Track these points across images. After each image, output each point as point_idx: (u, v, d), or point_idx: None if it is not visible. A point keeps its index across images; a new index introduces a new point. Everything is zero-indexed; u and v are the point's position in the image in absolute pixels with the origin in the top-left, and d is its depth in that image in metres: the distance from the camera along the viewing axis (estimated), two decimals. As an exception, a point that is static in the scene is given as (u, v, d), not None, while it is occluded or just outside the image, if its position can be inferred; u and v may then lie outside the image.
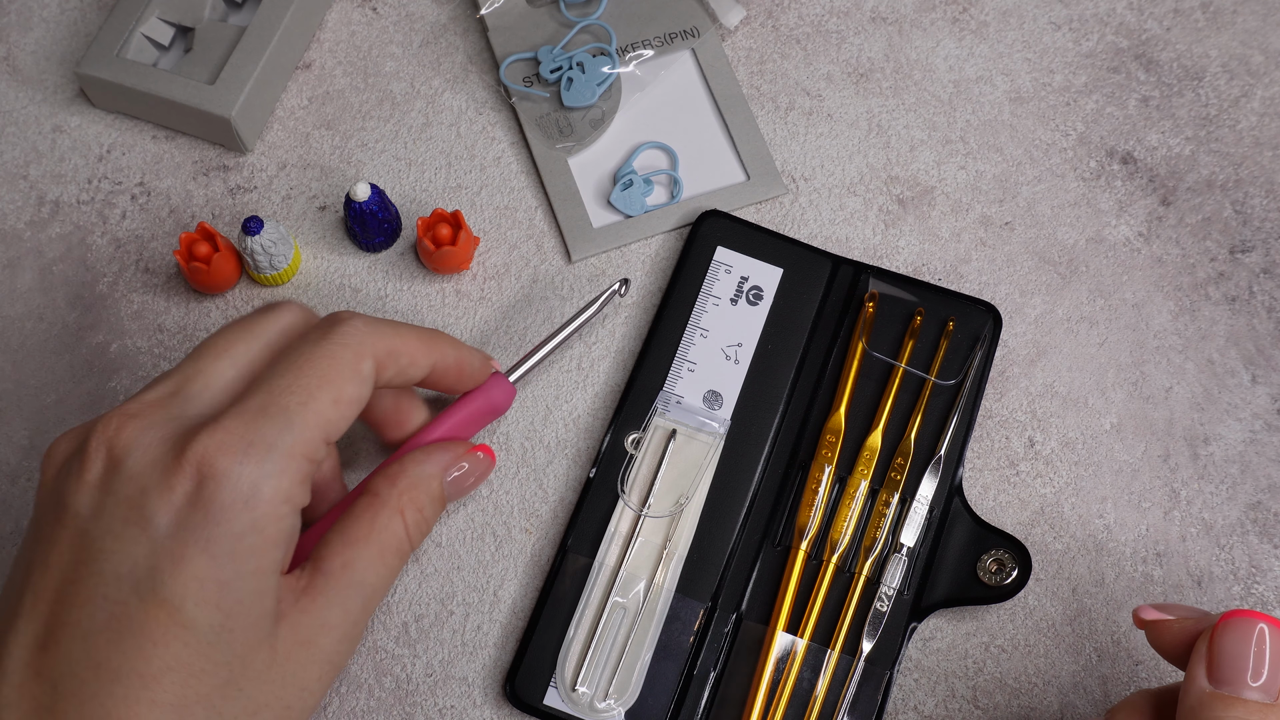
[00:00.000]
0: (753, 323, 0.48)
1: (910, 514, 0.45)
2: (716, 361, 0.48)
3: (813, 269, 0.49)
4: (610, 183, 0.53)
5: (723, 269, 0.49)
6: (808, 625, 0.44)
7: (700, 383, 0.47)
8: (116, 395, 0.50)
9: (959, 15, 0.56)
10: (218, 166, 0.54)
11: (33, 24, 0.58)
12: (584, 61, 0.54)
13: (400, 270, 0.52)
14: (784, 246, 0.50)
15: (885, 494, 0.45)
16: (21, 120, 0.55)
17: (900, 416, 0.47)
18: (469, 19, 0.57)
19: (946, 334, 0.48)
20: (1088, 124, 0.54)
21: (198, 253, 0.49)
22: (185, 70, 0.54)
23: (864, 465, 0.46)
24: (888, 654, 0.43)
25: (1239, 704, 0.32)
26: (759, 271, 0.49)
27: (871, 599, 0.44)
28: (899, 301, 0.48)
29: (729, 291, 0.49)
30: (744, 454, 0.46)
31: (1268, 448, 0.48)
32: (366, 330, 0.38)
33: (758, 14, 0.57)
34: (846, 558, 0.45)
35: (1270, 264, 0.51)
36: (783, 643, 0.43)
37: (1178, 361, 0.50)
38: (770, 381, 0.47)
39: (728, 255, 0.49)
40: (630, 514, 0.45)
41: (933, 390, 0.47)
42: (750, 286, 0.49)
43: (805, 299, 0.49)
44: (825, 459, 0.46)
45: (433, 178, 0.53)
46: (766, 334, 0.48)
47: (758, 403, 0.47)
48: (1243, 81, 0.55)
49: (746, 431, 0.47)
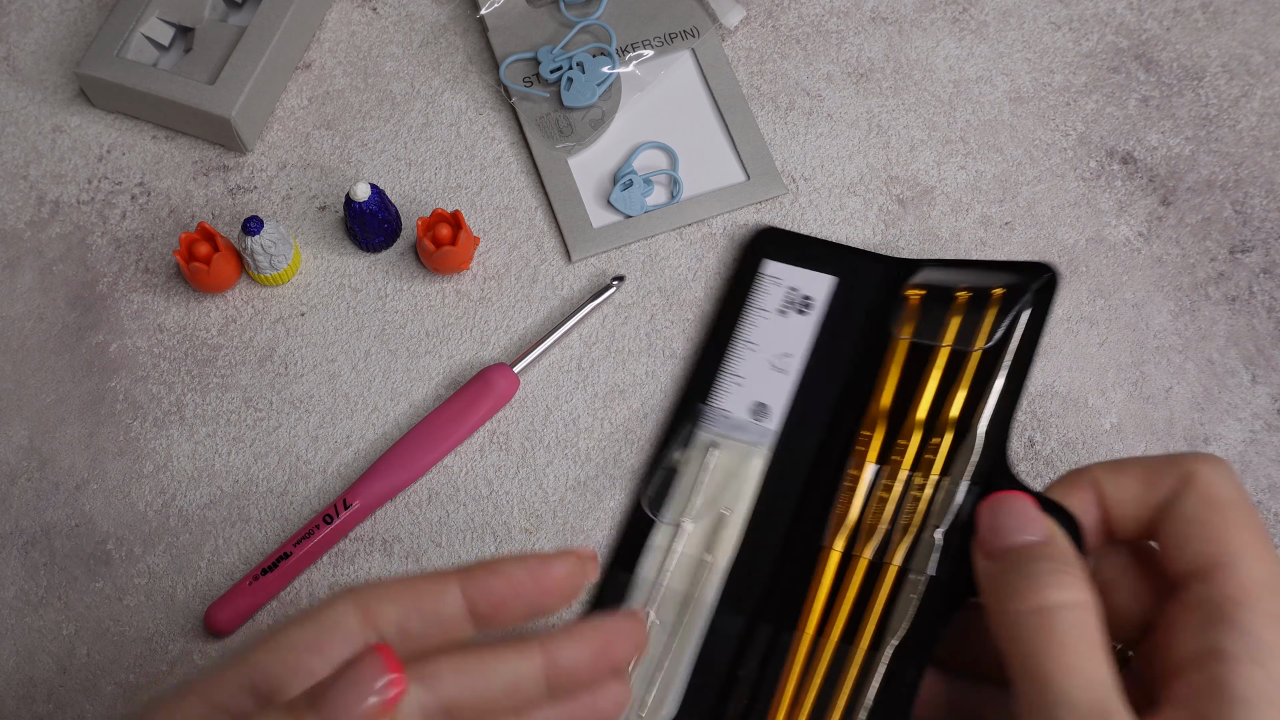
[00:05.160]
0: (802, 332, 0.47)
1: (945, 494, 0.41)
2: (764, 373, 0.47)
3: (866, 273, 0.48)
4: (610, 183, 0.53)
5: (770, 281, 0.49)
6: (836, 619, 0.41)
7: (747, 395, 0.47)
8: (117, 395, 0.50)
9: (959, 15, 0.56)
10: (218, 166, 0.54)
11: (33, 24, 0.58)
12: (584, 61, 0.54)
13: (400, 270, 0.52)
14: (838, 254, 0.49)
15: (918, 476, 0.42)
16: (21, 120, 0.55)
17: (943, 395, 0.44)
18: (469, 19, 0.57)
19: (994, 303, 0.44)
20: (1088, 124, 0.54)
21: (198, 253, 0.49)
22: (185, 70, 0.54)
23: (900, 453, 0.43)
24: (922, 643, 0.40)
25: (1016, 552, 0.34)
26: (809, 281, 0.48)
27: (901, 588, 0.41)
28: (946, 287, 0.46)
29: (777, 303, 0.48)
30: (791, 464, 0.45)
31: (1268, 448, 0.48)
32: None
33: (758, 14, 0.57)
34: (881, 548, 0.42)
35: (1270, 264, 0.51)
36: (813, 637, 0.41)
37: (1178, 361, 0.50)
38: (820, 389, 0.46)
39: (776, 267, 0.49)
40: (668, 528, 0.45)
41: (979, 362, 0.43)
42: (800, 296, 0.48)
43: (858, 304, 0.47)
44: (860, 453, 0.44)
45: (433, 178, 0.53)
46: (817, 342, 0.47)
47: (806, 411, 0.46)
48: (1243, 81, 0.55)
49: (794, 441, 0.45)
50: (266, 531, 0.48)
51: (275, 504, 0.48)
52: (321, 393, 0.50)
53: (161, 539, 0.48)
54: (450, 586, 0.34)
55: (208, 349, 0.51)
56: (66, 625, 0.46)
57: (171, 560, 0.47)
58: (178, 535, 0.48)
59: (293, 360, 0.50)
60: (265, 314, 0.51)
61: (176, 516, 0.48)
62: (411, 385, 0.50)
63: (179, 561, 0.47)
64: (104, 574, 0.47)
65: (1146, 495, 0.35)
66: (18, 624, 0.46)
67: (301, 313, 0.51)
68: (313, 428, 0.49)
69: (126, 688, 0.45)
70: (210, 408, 0.50)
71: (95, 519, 0.48)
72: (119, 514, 0.48)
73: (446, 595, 0.34)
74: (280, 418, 0.49)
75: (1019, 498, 0.36)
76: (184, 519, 0.48)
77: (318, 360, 0.50)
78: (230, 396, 0.50)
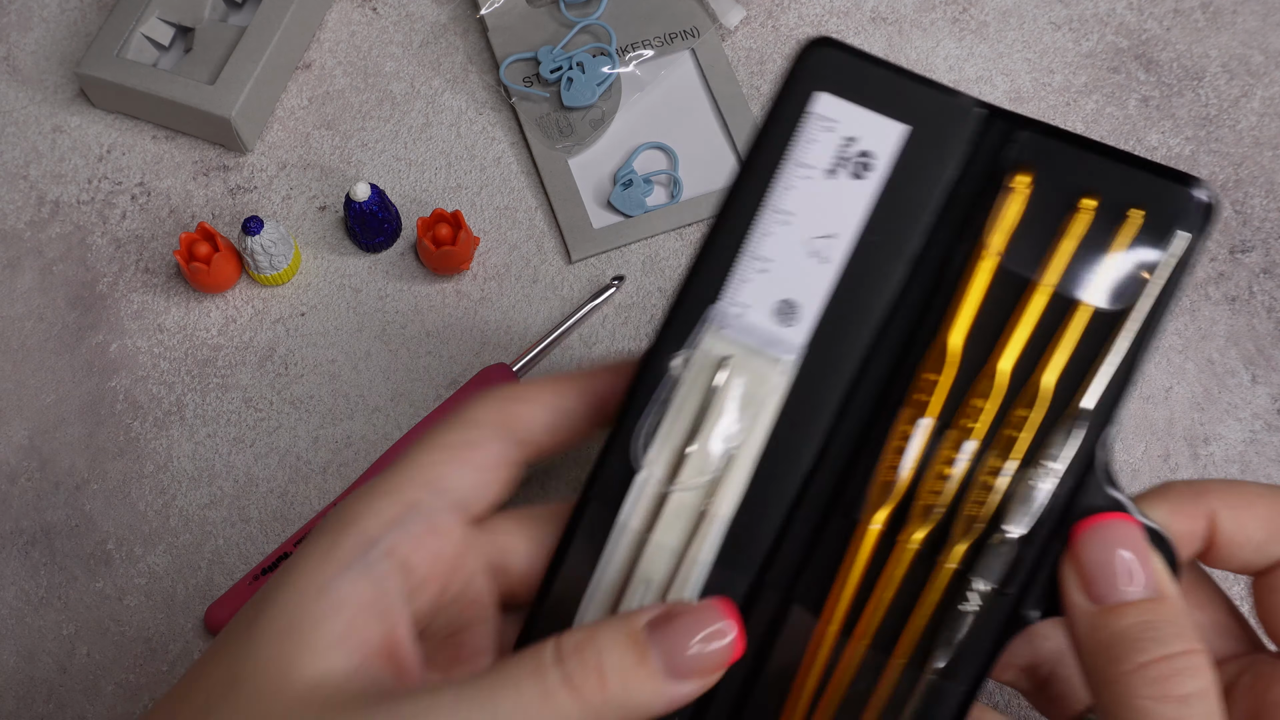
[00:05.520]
0: (855, 204, 0.34)
1: (1025, 487, 0.32)
2: (797, 259, 0.34)
3: (951, 125, 0.34)
4: (610, 183, 0.53)
5: (823, 125, 0.35)
6: (871, 623, 0.33)
7: (772, 288, 0.34)
8: (116, 395, 0.50)
9: (959, 15, 0.56)
10: (218, 166, 0.54)
11: (33, 24, 0.58)
12: (584, 61, 0.54)
13: (400, 270, 0.52)
14: (913, 90, 0.34)
15: (994, 457, 0.32)
16: (21, 120, 0.55)
17: (1036, 351, 0.33)
18: (469, 19, 0.57)
19: (1127, 230, 0.33)
20: (1088, 124, 0.54)
21: (198, 253, 0.49)
22: (185, 70, 0.54)
23: (970, 416, 0.33)
24: (969, 669, 0.32)
25: (1129, 609, 0.30)
26: (873, 129, 0.34)
27: (956, 596, 0.32)
28: (1069, 178, 0.33)
29: (827, 158, 0.34)
30: (820, 391, 0.34)
31: (1268, 448, 0.48)
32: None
33: (758, 14, 0.57)
34: (933, 539, 0.33)
35: (1270, 264, 0.51)
36: (835, 642, 0.33)
37: (1178, 361, 0.50)
38: (870, 290, 0.34)
39: (832, 105, 0.35)
40: (662, 464, 0.34)
41: (1093, 318, 0.32)
42: (858, 151, 0.34)
43: (935, 170, 0.34)
44: (920, 403, 0.33)
45: (433, 178, 0.53)
46: (874, 221, 0.34)
47: (848, 319, 0.34)
48: (1243, 81, 0.55)
49: (827, 359, 0.34)
50: (266, 531, 0.48)
51: (275, 504, 0.48)
52: (321, 393, 0.50)
53: (161, 539, 0.48)
54: (576, 386, 0.35)
55: (208, 349, 0.51)
56: (66, 625, 0.46)
57: (171, 560, 0.47)
58: (178, 535, 0.48)
59: (293, 360, 0.50)
60: (265, 314, 0.51)
61: (176, 516, 0.48)
62: (411, 385, 0.50)
63: (179, 561, 0.47)
64: (104, 574, 0.47)
65: (1270, 546, 0.33)
66: (18, 624, 0.46)
67: (301, 313, 0.51)
68: (313, 428, 0.49)
69: (126, 688, 0.45)
70: (210, 408, 0.50)
71: (95, 519, 0.48)
72: (119, 514, 0.48)
73: (572, 396, 0.35)
74: (280, 418, 0.49)
75: (1132, 529, 0.31)
76: (184, 519, 0.48)
77: (318, 360, 0.50)
78: (230, 396, 0.50)
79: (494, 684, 0.29)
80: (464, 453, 0.33)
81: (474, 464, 0.33)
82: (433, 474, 0.33)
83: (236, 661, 0.30)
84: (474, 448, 0.34)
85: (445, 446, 0.33)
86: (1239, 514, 0.32)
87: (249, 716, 0.29)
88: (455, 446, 0.34)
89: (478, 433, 0.34)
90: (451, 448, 0.33)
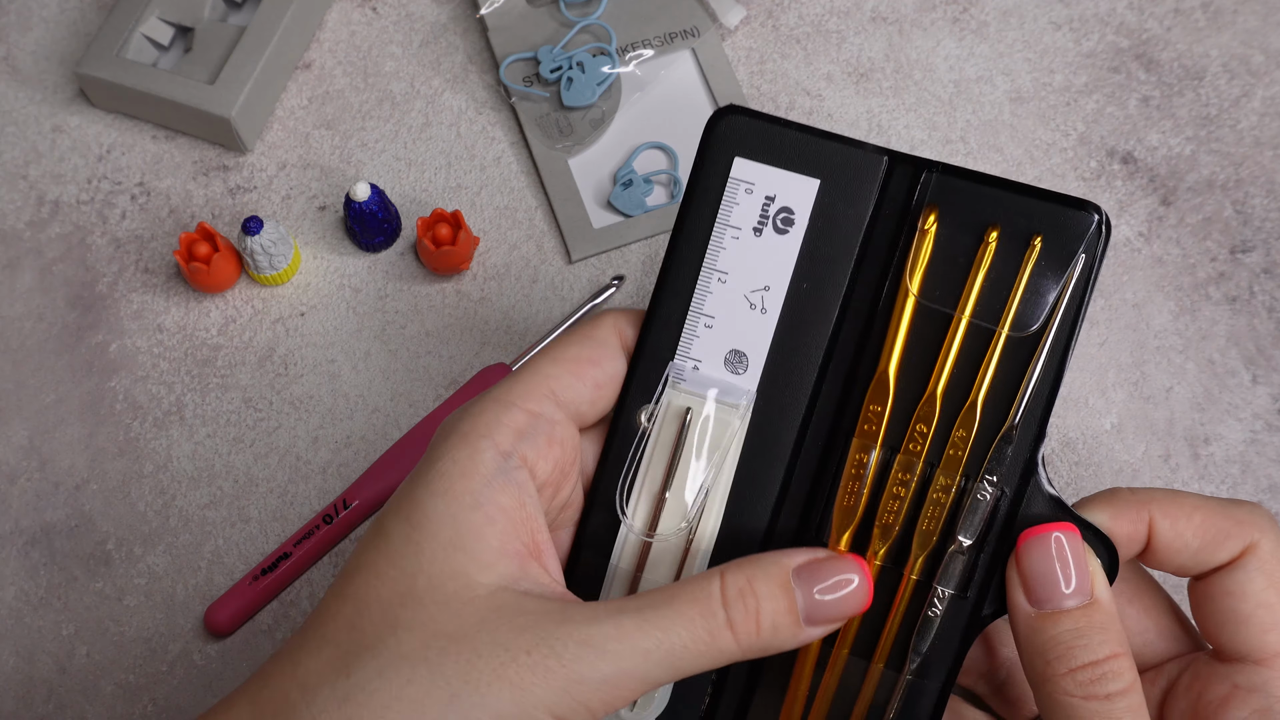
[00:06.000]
0: (783, 257, 0.37)
1: (971, 499, 0.36)
2: (740, 312, 0.37)
3: (859, 174, 0.37)
4: (610, 183, 0.53)
5: (743, 188, 0.37)
6: (848, 635, 0.37)
7: (721, 341, 0.37)
8: (116, 395, 0.50)
9: (959, 15, 0.56)
10: (218, 166, 0.54)
11: (32, 24, 0.58)
12: (584, 61, 0.54)
13: (400, 270, 0.52)
14: (819, 147, 0.37)
15: (943, 476, 0.36)
16: (21, 120, 0.55)
17: (966, 374, 0.36)
18: (469, 19, 0.57)
19: (1029, 259, 0.35)
20: (1088, 124, 0.54)
21: (198, 253, 0.49)
22: (185, 70, 0.54)
23: (917, 440, 0.36)
24: (941, 668, 0.36)
25: (1063, 616, 0.33)
26: (789, 187, 0.37)
27: (922, 603, 0.36)
28: (971, 212, 0.36)
29: (752, 218, 0.37)
30: (776, 427, 0.37)
31: (1268, 448, 0.48)
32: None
33: (758, 14, 0.57)
34: (895, 554, 0.37)
35: (1271, 264, 0.51)
36: (819, 655, 0.37)
37: (1178, 362, 0.49)
38: (806, 333, 0.37)
39: (749, 168, 0.37)
40: (643, 511, 0.38)
41: (1011, 341, 0.36)
42: (778, 209, 0.37)
43: (849, 217, 0.37)
44: (869, 433, 0.37)
45: (433, 178, 0.53)
46: (802, 271, 0.37)
47: (791, 361, 0.37)
48: (1243, 81, 0.55)
49: (778, 400, 0.37)
50: (266, 531, 0.48)
51: (275, 504, 0.48)
52: (321, 393, 0.50)
53: (161, 539, 0.48)
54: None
55: (208, 349, 0.51)
56: (66, 625, 0.46)
57: (171, 560, 0.47)
58: (178, 535, 0.48)
59: (293, 360, 0.50)
60: (265, 314, 0.51)
61: (176, 516, 0.48)
62: (411, 385, 0.50)
63: (179, 561, 0.47)
64: (104, 574, 0.47)
65: (1203, 554, 0.36)
66: (18, 624, 0.46)
67: (301, 313, 0.51)
68: (313, 428, 0.49)
69: (126, 688, 0.45)
70: (210, 408, 0.50)
71: (95, 519, 0.48)
72: (119, 514, 0.48)
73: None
74: (280, 418, 0.49)
75: (1072, 538, 0.34)
76: (184, 519, 0.48)
77: (318, 360, 0.50)
78: (230, 396, 0.50)
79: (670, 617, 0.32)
80: (584, 368, 0.36)
81: (592, 379, 0.36)
82: (556, 384, 0.35)
83: (407, 576, 0.32)
84: (593, 364, 0.36)
85: (568, 360, 0.36)
86: (1176, 522, 0.36)
87: (445, 626, 0.31)
88: (577, 361, 0.36)
89: (599, 351, 0.36)
90: (574, 361, 0.36)
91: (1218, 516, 0.36)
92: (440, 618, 0.31)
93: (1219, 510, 0.36)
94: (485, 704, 0.30)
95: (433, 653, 0.31)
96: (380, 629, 0.31)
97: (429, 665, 0.31)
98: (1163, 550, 0.36)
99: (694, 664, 0.32)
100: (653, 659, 0.31)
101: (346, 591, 0.33)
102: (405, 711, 0.30)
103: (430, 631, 0.31)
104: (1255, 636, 0.35)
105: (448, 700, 0.30)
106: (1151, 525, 0.36)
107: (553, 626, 0.31)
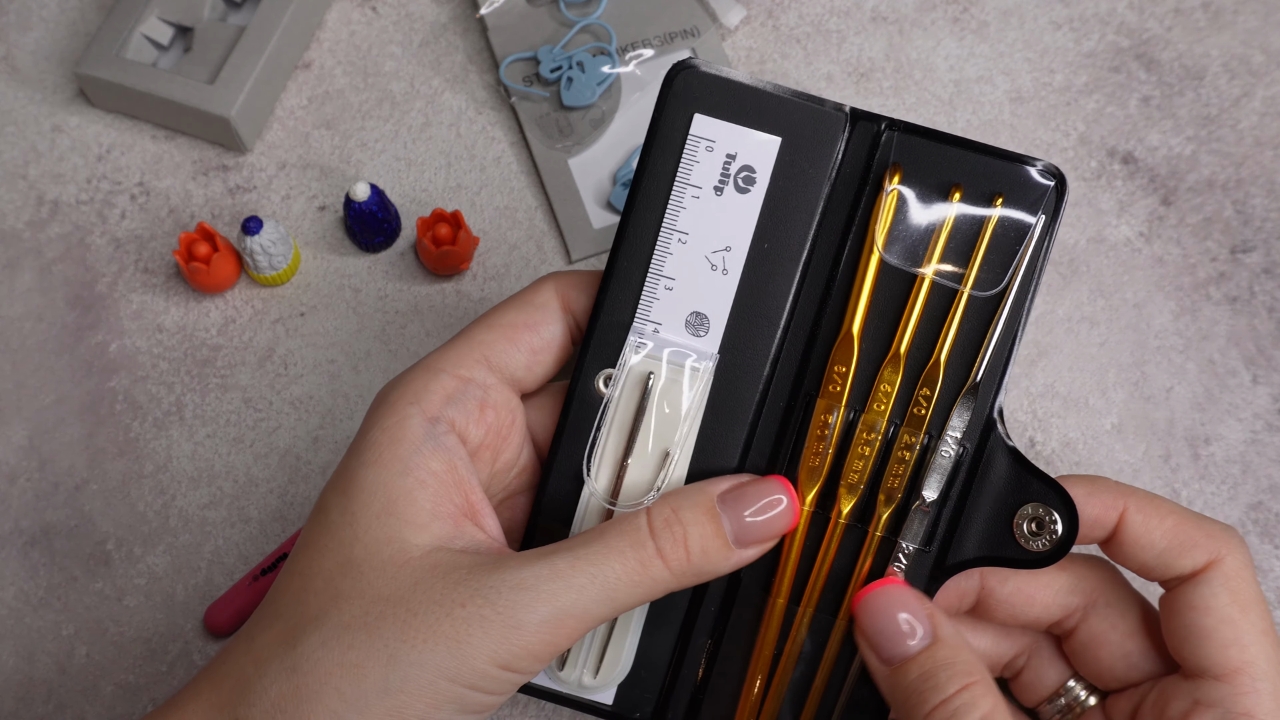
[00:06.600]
0: (745, 216, 0.37)
1: (935, 456, 0.36)
2: (700, 273, 0.37)
3: (820, 132, 0.36)
4: (610, 183, 0.53)
5: (703, 146, 0.37)
6: (813, 592, 0.37)
7: (681, 303, 0.37)
8: (116, 395, 0.50)
9: (959, 15, 0.56)
10: (217, 166, 0.54)
11: (32, 24, 0.57)
12: (584, 61, 0.54)
13: (400, 270, 0.52)
14: (780, 104, 0.36)
15: (907, 433, 0.37)
16: (21, 120, 0.55)
17: (928, 333, 0.37)
18: (469, 19, 0.57)
19: (991, 220, 0.36)
20: (1088, 124, 0.54)
21: (197, 253, 0.49)
22: (185, 70, 0.54)
23: (881, 400, 0.37)
24: None
25: (910, 664, 0.35)
26: (750, 145, 0.36)
27: (888, 559, 0.37)
28: (933, 172, 0.36)
29: (712, 177, 0.37)
30: (738, 389, 0.37)
31: (1269, 448, 0.48)
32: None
33: (758, 14, 0.57)
34: (860, 511, 0.37)
35: (1271, 264, 0.51)
36: (785, 612, 0.38)
37: (1178, 362, 0.49)
38: (767, 294, 0.37)
39: (709, 125, 0.37)
40: (605, 478, 0.37)
41: (973, 301, 0.36)
42: (739, 168, 0.37)
43: (811, 176, 0.36)
44: (833, 393, 0.37)
45: (433, 178, 0.53)
46: (761, 231, 0.37)
47: (752, 323, 0.37)
48: (1243, 81, 0.55)
49: (739, 361, 0.37)
50: (266, 531, 0.48)
51: (275, 504, 0.48)
52: (321, 393, 0.50)
53: (161, 539, 0.48)
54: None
55: (208, 349, 0.51)
56: (66, 625, 0.46)
57: (171, 560, 0.47)
58: (178, 535, 0.48)
59: (293, 360, 0.50)
60: (265, 314, 0.51)
61: (176, 517, 0.48)
62: (411, 385, 0.50)
63: (179, 561, 0.47)
64: (104, 574, 0.47)
65: (1168, 556, 0.36)
66: (18, 624, 0.46)
67: (301, 313, 0.51)
68: (313, 428, 0.49)
69: (126, 688, 0.45)
70: (210, 408, 0.50)
71: (95, 519, 0.48)
72: (119, 514, 0.48)
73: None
74: (280, 418, 0.49)
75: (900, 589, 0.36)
76: (184, 519, 0.48)
77: (318, 360, 0.50)
78: (230, 397, 0.50)
79: (601, 552, 0.33)
80: (520, 333, 0.36)
81: (527, 344, 0.36)
82: (489, 350, 0.36)
83: (344, 546, 0.33)
84: (530, 329, 0.36)
85: (503, 325, 0.36)
86: (1149, 519, 0.36)
87: (382, 590, 0.32)
88: (513, 326, 0.36)
89: (536, 315, 0.37)
90: (509, 326, 0.36)
91: (1190, 526, 0.37)
92: (378, 583, 0.32)
93: (1193, 521, 0.37)
94: (424, 661, 0.31)
95: (371, 618, 0.31)
96: (323, 600, 0.32)
97: (368, 630, 0.31)
98: (1129, 544, 0.37)
99: (630, 595, 0.33)
100: (588, 594, 0.32)
101: (294, 568, 0.33)
102: (348, 677, 0.31)
103: (369, 598, 0.32)
104: (1217, 651, 0.35)
105: (387, 661, 0.31)
106: (1124, 516, 0.37)
107: (486, 575, 0.32)
